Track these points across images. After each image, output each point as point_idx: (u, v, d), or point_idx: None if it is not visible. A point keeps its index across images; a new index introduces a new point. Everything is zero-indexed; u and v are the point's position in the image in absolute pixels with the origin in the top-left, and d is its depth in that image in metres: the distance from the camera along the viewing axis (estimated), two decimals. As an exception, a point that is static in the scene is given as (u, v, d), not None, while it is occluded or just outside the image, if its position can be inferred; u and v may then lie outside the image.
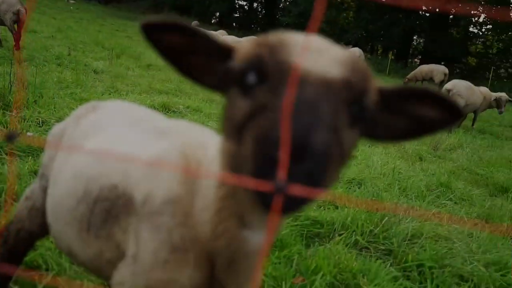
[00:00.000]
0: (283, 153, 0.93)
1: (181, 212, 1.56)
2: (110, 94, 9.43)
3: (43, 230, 2.33)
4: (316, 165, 0.97)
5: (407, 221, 4.81)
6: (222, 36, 20.91)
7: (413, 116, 1.29)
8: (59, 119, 6.69)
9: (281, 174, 0.93)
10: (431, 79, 21.03)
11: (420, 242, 4.49)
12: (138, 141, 1.91)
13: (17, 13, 12.57)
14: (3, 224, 2.48)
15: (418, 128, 1.30)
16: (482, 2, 34.10)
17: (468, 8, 34.19)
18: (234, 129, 1.15)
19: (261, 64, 1.13)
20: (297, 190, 0.93)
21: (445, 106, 1.25)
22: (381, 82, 1.26)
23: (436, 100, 1.25)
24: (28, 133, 5.99)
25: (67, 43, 15.05)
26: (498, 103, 13.67)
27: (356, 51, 22.70)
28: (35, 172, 4.65)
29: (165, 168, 1.66)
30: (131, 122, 2.09)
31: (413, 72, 22.37)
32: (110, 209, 1.77)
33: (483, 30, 39.57)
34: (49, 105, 7.19)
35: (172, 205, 1.58)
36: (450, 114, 1.26)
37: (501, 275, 4.16)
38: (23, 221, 2.35)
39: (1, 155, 5.08)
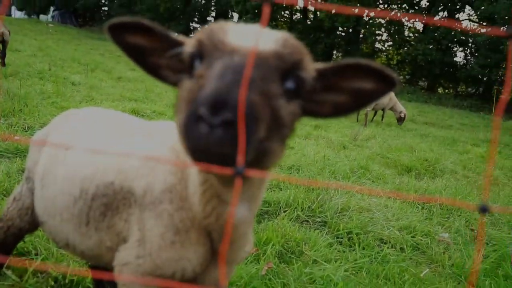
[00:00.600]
0: (241, 138, 0.83)
1: (177, 197, 1.47)
2: (87, 102, 9.00)
3: (31, 226, 2.15)
4: (235, 115, 0.84)
5: (337, 197, 4.84)
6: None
7: (351, 90, 1.16)
8: (43, 125, 6.30)
9: (240, 159, 0.83)
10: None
11: (348, 214, 4.53)
12: (126, 141, 1.75)
13: (1, 35, 11.82)
14: None
15: (357, 101, 1.16)
16: (384, 24, 35.27)
17: (373, 28, 35.26)
18: (180, 106, 1.05)
19: (201, 46, 1.05)
20: (253, 172, 0.84)
21: (380, 77, 1.11)
22: None
23: (370, 72, 1.12)
24: (16, 137, 5.60)
25: (48, 60, 14.24)
26: (400, 118, 14.09)
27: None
28: (23, 171, 4.33)
29: (160, 162, 1.55)
30: (112, 125, 1.92)
31: None
32: (108, 203, 1.64)
33: (386, 46, 40.96)
34: (33, 112, 6.76)
35: (168, 193, 1.48)
36: (385, 84, 1.12)
37: (412, 237, 4.26)
38: (13, 219, 2.14)
39: (-9, 157, 4.71)
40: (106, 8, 58.30)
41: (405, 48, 37.26)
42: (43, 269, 2.75)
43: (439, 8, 33.67)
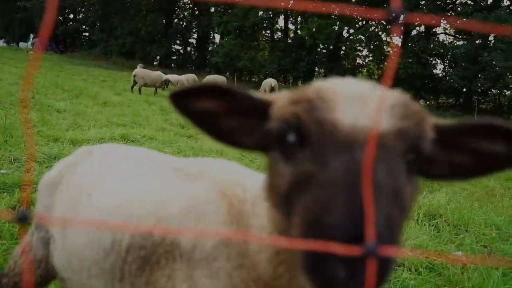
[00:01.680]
0: (368, 213, 0.64)
1: (236, 253, 1.23)
2: (74, 129, 8.71)
3: (43, 280, 1.89)
4: (386, 261, 0.69)
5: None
6: (141, 71, 19.59)
7: (476, 151, 0.97)
8: (30, 156, 6.02)
9: (370, 233, 0.64)
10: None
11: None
12: (161, 184, 1.53)
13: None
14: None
15: (482, 164, 0.97)
16: (364, 40, 35.85)
17: (354, 44, 35.84)
18: (279, 198, 0.86)
19: (299, 124, 0.83)
20: (385, 256, 0.65)
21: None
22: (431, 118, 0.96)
23: (501, 133, 0.93)
24: (2, 171, 5.30)
25: (30, 87, 13.90)
26: None
27: (272, 81, 22.26)
28: (12, 207, 4.05)
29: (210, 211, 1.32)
30: (138, 164, 1.70)
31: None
32: (147, 256, 1.40)
33: (367, 61, 41.58)
34: (19, 144, 6.45)
35: (224, 248, 1.24)
36: None
37: (426, 257, 4.09)
38: (21, 274, 1.89)
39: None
40: (87, 34, 58.14)
41: (385, 63, 37.86)
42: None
43: (416, 24, 34.42)
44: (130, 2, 47.24)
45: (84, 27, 57.75)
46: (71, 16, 60.21)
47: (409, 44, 32.62)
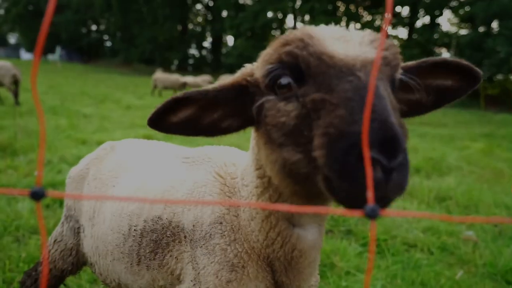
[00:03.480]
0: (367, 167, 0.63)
1: (229, 229, 1.26)
2: (100, 132, 8.84)
3: (75, 267, 1.96)
4: (405, 156, 0.71)
5: (357, 205, 4.61)
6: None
7: (432, 88, 1.04)
8: (61, 158, 6.14)
9: (370, 195, 0.63)
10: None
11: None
12: (171, 172, 1.57)
13: (13, 76, 11.77)
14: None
15: (437, 99, 1.05)
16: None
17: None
18: (287, 135, 0.85)
19: (296, 60, 0.84)
20: (387, 212, 0.63)
21: (464, 73, 1.01)
22: None
23: (455, 68, 1.01)
24: (35, 173, 5.42)
25: (59, 96, 14.18)
26: None
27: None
28: (47, 206, 4.13)
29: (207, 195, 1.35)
30: (154, 156, 1.73)
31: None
32: (158, 239, 1.44)
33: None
34: (50, 147, 6.60)
35: (218, 225, 1.27)
36: (469, 80, 1.02)
37: (437, 238, 4.02)
38: (54, 261, 1.95)
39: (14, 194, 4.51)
40: (109, 44, 58.86)
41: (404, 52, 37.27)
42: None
43: (418, 15, 33.73)
44: (147, 12, 47.44)
45: (105, 38, 58.49)
46: (94, 27, 61.03)
47: (414, 36, 32.02)
